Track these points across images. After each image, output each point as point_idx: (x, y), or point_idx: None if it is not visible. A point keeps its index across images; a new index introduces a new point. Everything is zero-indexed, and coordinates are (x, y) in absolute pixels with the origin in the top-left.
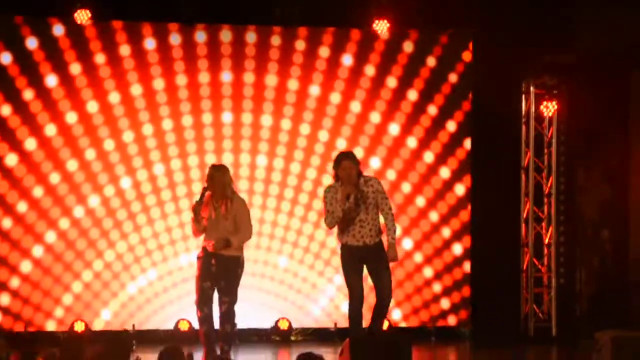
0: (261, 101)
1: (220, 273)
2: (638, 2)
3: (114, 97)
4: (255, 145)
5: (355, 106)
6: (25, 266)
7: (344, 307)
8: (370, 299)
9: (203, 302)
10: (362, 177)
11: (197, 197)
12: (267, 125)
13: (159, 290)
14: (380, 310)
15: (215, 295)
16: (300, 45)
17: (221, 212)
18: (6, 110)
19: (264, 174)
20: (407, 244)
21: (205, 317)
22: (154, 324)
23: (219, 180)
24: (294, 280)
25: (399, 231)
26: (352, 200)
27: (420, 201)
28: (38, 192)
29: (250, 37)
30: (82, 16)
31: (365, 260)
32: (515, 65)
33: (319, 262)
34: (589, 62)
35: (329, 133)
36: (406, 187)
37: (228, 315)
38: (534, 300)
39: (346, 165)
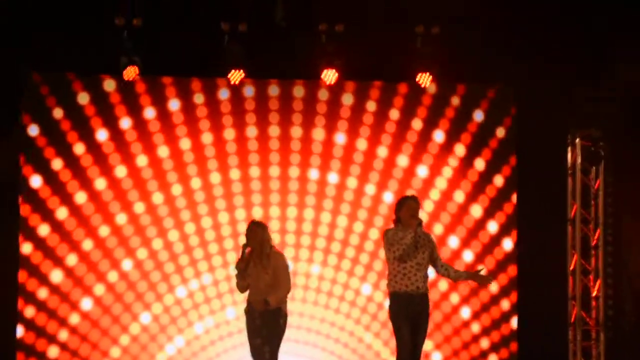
0: (308, 155)
1: (263, 325)
2: None
3: (163, 151)
4: (302, 199)
5: (402, 160)
6: (74, 318)
7: (384, 353)
8: None
9: (258, 358)
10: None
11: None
12: (314, 179)
13: (206, 343)
14: None
15: None
16: (347, 99)
17: (261, 268)
18: (57, 164)
19: (310, 227)
20: (454, 298)
21: None
22: None
23: (259, 237)
24: (341, 334)
25: (445, 286)
26: (418, 231)
27: (468, 256)
28: (88, 244)
29: (298, 91)
30: (130, 73)
31: (413, 310)
32: (560, 116)
33: (365, 316)
34: (634, 112)
35: (376, 187)
36: (453, 242)
37: None
38: (582, 354)
39: (412, 205)
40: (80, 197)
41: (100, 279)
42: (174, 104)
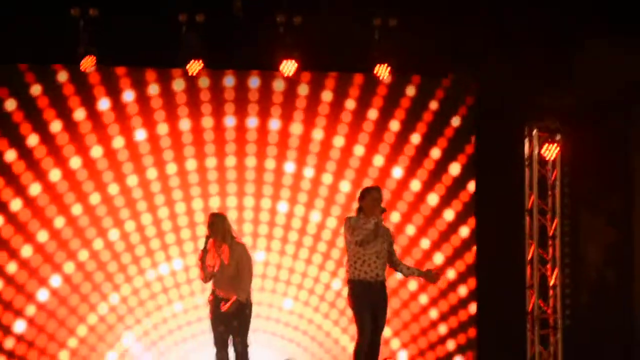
0: (265, 145)
1: (230, 314)
2: (637, 43)
3: (118, 142)
4: (260, 188)
5: (359, 150)
6: (30, 310)
7: (350, 348)
8: None
9: (220, 346)
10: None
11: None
12: (270, 168)
13: (164, 333)
14: (375, 351)
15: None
16: (303, 89)
17: (224, 259)
18: (11, 155)
19: (268, 217)
20: (412, 285)
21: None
22: None
23: (219, 228)
24: (300, 322)
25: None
26: (379, 221)
27: (425, 243)
28: (43, 236)
29: (254, 82)
30: (88, 63)
31: (372, 298)
32: (517, 108)
33: (323, 304)
34: (590, 104)
35: (333, 176)
36: (410, 230)
37: (243, 355)
38: (540, 342)
39: (375, 195)
40: (35, 189)
41: (56, 269)
42: (129, 95)
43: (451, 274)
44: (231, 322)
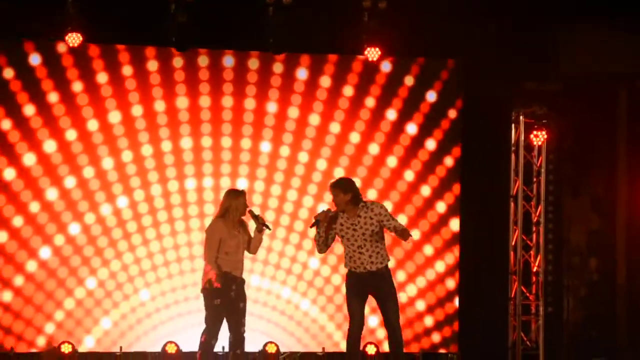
0: (261, 127)
1: (238, 298)
2: (622, 27)
3: (115, 117)
4: (253, 170)
5: (354, 137)
6: (18, 280)
7: (336, 335)
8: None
9: (216, 332)
10: (362, 202)
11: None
12: (265, 151)
13: (151, 310)
14: (394, 338)
15: None
16: (301, 73)
17: (241, 237)
18: (6, 124)
19: (260, 199)
20: (400, 276)
21: (213, 346)
22: (143, 347)
23: (244, 203)
24: (286, 306)
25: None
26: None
27: (415, 233)
28: (35, 207)
29: (253, 63)
30: (74, 39)
31: (369, 287)
32: (504, 94)
33: (312, 290)
34: (576, 90)
35: (327, 162)
36: (402, 220)
37: (243, 338)
38: (521, 328)
39: (331, 194)
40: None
41: (47, 241)
42: (127, 70)
43: (440, 266)
44: (238, 305)
